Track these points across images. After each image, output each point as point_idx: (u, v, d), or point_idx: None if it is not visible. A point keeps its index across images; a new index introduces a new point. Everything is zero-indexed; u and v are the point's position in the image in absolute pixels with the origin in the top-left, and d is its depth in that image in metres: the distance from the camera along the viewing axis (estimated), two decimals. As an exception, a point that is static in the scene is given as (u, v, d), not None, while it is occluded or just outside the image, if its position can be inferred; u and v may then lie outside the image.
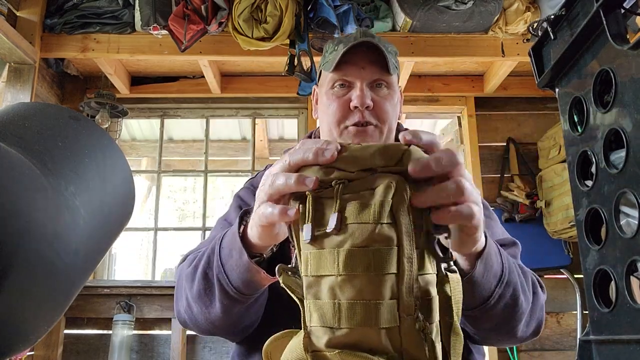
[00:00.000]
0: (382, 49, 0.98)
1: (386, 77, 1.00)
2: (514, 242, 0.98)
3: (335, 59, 0.99)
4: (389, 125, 1.01)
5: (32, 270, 0.30)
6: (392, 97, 1.02)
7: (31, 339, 0.33)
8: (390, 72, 0.99)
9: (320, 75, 1.09)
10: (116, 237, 0.42)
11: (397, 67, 1.05)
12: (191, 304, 0.83)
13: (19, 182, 0.30)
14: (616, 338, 0.75)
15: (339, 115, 1.00)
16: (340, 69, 1.00)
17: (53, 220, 0.31)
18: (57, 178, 0.33)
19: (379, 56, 0.98)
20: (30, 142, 0.34)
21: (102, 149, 0.39)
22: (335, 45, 1.04)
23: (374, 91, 1.00)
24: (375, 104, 0.99)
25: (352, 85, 1.00)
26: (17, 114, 0.37)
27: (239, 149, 4.40)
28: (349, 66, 1.00)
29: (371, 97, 0.99)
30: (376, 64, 0.99)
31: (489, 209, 1.05)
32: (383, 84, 1.01)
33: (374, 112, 0.99)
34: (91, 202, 0.36)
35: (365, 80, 0.99)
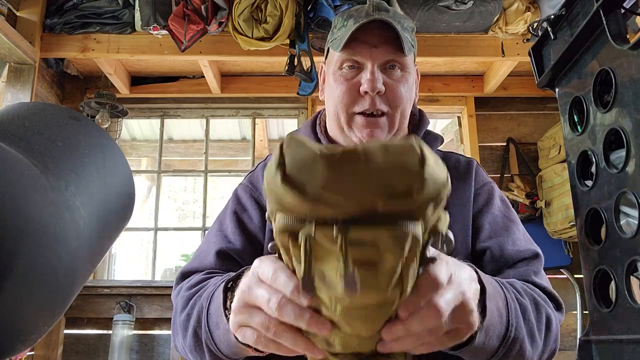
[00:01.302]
0: (397, 27, 0.87)
1: (400, 57, 0.90)
2: (536, 255, 0.89)
3: (345, 36, 0.88)
4: (402, 111, 0.92)
5: (32, 270, 0.30)
6: (406, 80, 0.92)
7: (31, 339, 0.33)
8: (405, 52, 0.88)
9: (328, 53, 0.99)
10: (116, 237, 0.42)
11: (414, 46, 0.94)
12: (186, 352, 0.80)
13: (19, 182, 0.30)
14: (616, 338, 0.75)
15: (347, 100, 0.91)
16: (349, 47, 0.89)
17: (53, 220, 0.31)
18: (57, 178, 0.33)
19: (393, 34, 0.87)
20: (30, 142, 0.34)
21: (102, 149, 0.39)
22: (345, 20, 0.93)
23: (386, 73, 0.90)
24: (387, 88, 0.90)
25: (362, 66, 0.90)
26: (17, 114, 0.37)
27: (239, 149, 4.40)
28: (359, 45, 0.89)
29: (383, 80, 0.89)
30: (390, 43, 0.89)
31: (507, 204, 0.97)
32: (397, 65, 0.91)
33: (385, 98, 0.90)
34: (91, 202, 0.36)
35: (377, 61, 0.89)
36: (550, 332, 0.79)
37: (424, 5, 2.48)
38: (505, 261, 0.87)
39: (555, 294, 0.86)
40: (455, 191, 0.91)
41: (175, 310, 0.84)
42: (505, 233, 0.90)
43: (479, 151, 3.13)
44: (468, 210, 0.92)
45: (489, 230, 0.91)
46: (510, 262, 0.87)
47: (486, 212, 0.93)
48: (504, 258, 0.87)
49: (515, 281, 0.80)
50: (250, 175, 1.04)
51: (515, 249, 0.88)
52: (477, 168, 0.99)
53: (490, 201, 0.95)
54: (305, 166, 0.38)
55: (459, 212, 0.91)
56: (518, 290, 0.77)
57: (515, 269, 0.86)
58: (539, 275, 0.87)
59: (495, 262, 0.87)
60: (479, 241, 0.90)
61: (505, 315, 0.68)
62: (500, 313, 0.67)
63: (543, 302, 0.80)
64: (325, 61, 1.01)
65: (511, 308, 0.69)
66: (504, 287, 0.72)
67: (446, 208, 0.96)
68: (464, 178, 0.96)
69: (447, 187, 0.42)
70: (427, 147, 0.40)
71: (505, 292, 0.70)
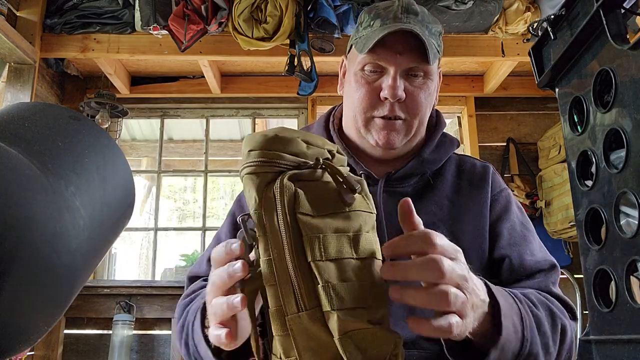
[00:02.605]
0: (424, 35, 0.86)
1: (424, 65, 0.89)
2: (552, 267, 0.89)
3: (370, 40, 0.87)
4: (420, 118, 0.92)
5: (32, 270, 0.30)
6: (427, 87, 0.91)
7: (31, 339, 0.33)
8: (429, 62, 0.87)
9: (350, 49, 0.98)
10: (116, 237, 0.42)
11: (440, 52, 0.93)
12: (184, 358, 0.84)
13: (19, 182, 0.30)
14: (616, 338, 0.75)
15: (366, 103, 0.91)
16: (373, 50, 0.87)
17: (53, 220, 0.31)
18: (57, 178, 0.33)
19: (420, 42, 0.86)
20: (30, 142, 0.34)
21: (102, 149, 0.39)
22: (372, 20, 0.90)
23: (408, 80, 0.89)
24: (407, 96, 0.89)
25: (384, 71, 0.89)
26: (17, 114, 0.37)
27: (239, 149, 4.38)
28: (384, 50, 0.88)
29: (404, 87, 0.88)
30: (415, 50, 0.87)
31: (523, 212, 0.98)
32: (420, 72, 0.90)
33: (404, 105, 0.90)
34: (91, 202, 0.36)
35: (400, 67, 0.88)
36: (564, 342, 0.79)
37: (424, 6, 2.48)
38: (524, 271, 0.87)
39: (571, 303, 0.87)
40: (470, 197, 0.91)
41: (175, 318, 0.89)
42: (524, 242, 0.90)
43: (479, 151, 3.13)
44: (484, 217, 0.91)
45: (508, 238, 0.90)
46: (529, 272, 0.87)
47: (505, 219, 0.92)
48: (523, 268, 0.87)
49: (531, 292, 0.80)
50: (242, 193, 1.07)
51: (534, 259, 0.88)
52: (493, 174, 0.98)
53: (509, 209, 0.94)
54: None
55: (473, 218, 0.91)
56: (533, 301, 0.76)
57: (533, 279, 0.86)
58: (555, 287, 0.88)
59: (514, 272, 0.87)
60: (498, 248, 0.89)
61: (521, 330, 0.67)
62: (516, 329, 0.66)
63: (559, 312, 0.80)
64: (346, 55, 1.00)
65: (526, 323, 0.69)
66: (518, 300, 0.71)
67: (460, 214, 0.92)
68: (480, 184, 0.95)
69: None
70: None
71: (519, 306, 0.70)
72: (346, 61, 1.00)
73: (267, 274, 0.50)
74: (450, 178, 0.96)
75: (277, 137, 0.53)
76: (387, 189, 0.93)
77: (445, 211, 0.91)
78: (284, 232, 0.49)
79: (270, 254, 0.50)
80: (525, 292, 0.79)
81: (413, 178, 0.95)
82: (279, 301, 0.49)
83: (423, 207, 0.91)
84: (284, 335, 0.49)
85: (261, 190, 0.51)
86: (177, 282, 2.87)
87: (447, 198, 0.93)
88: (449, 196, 0.93)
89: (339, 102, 1.06)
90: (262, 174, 0.52)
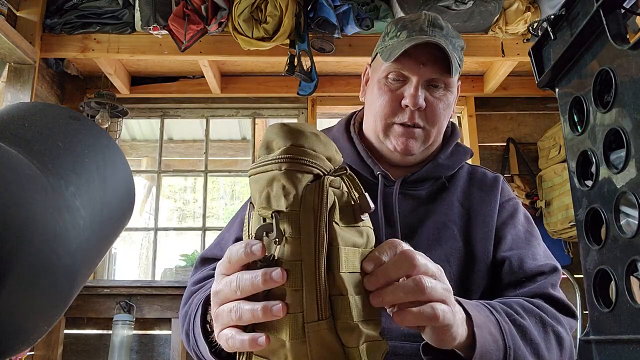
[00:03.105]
0: (448, 49, 0.90)
1: (446, 77, 0.93)
2: (553, 269, 0.91)
3: (396, 50, 0.91)
4: (438, 127, 0.97)
5: (32, 270, 0.30)
6: (447, 98, 0.96)
7: (31, 339, 0.33)
8: (451, 74, 0.92)
9: (375, 57, 1.02)
10: (116, 237, 0.42)
11: (461, 65, 0.97)
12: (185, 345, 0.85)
13: (19, 182, 0.30)
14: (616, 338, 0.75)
15: (388, 110, 0.95)
16: (398, 60, 0.92)
17: (53, 220, 0.31)
18: (57, 178, 0.33)
19: (443, 54, 0.90)
20: (30, 142, 0.34)
21: (102, 149, 0.39)
22: (398, 31, 0.95)
23: (429, 90, 0.94)
24: (427, 105, 0.93)
25: (407, 80, 0.94)
26: (17, 114, 0.37)
27: (239, 149, 4.40)
28: (408, 60, 0.92)
29: (425, 96, 0.93)
30: (438, 62, 0.92)
31: (530, 221, 1.00)
32: (441, 84, 0.94)
33: (424, 113, 0.94)
34: (91, 202, 0.36)
35: (423, 78, 0.92)
36: (563, 349, 0.79)
37: (424, 6, 2.48)
38: (524, 274, 0.89)
39: (569, 304, 0.87)
40: (480, 202, 0.96)
41: (183, 301, 0.89)
42: (527, 247, 0.93)
43: (479, 151, 3.13)
44: (492, 220, 0.95)
45: (511, 242, 0.93)
46: (529, 275, 0.88)
47: (510, 224, 0.96)
48: (522, 270, 0.89)
49: (517, 301, 0.80)
50: None
51: (535, 263, 0.90)
52: (503, 184, 1.03)
53: (515, 215, 0.98)
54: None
55: (482, 222, 0.94)
56: (517, 311, 0.77)
57: (534, 282, 0.88)
58: (555, 289, 0.89)
59: (514, 274, 0.89)
60: (500, 251, 0.92)
61: (501, 339, 0.68)
62: (495, 338, 0.67)
63: (551, 318, 0.80)
64: (370, 64, 1.05)
65: (506, 331, 0.69)
66: (495, 310, 0.72)
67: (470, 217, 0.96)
68: (490, 191, 0.99)
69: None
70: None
71: (496, 316, 0.70)
72: (369, 69, 1.05)
73: (291, 277, 0.48)
74: (462, 184, 1.00)
75: (319, 138, 0.53)
76: (402, 191, 0.97)
77: (457, 213, 0.95)
78: (320, 237, 0.48)
79: (301, 257, 0.49)
80: (507, 302, 0.79)
81: (427, 182, 0.99)
82: (301, 307, 0.48)
83: (436, 207, 0.95)
84: (299, 342, 0.49)
85: (302, 189, 0.50)
86: (177, 282, 2.87)
87: (458, 201, 0.97)
88: (460, 200, 0.97)
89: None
90: (305, 174, 0.50)
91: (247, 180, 0.56)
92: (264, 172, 0.52)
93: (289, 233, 0.49)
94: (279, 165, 0.50)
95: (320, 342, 0.49)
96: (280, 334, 0.49)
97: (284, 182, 0.50)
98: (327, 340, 0.49)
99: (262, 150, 0.54)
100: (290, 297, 0.49)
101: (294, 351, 0.49)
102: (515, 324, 0.73)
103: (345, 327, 0.49)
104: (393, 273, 0.51)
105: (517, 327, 0.73)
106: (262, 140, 0.55)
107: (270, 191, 0.51)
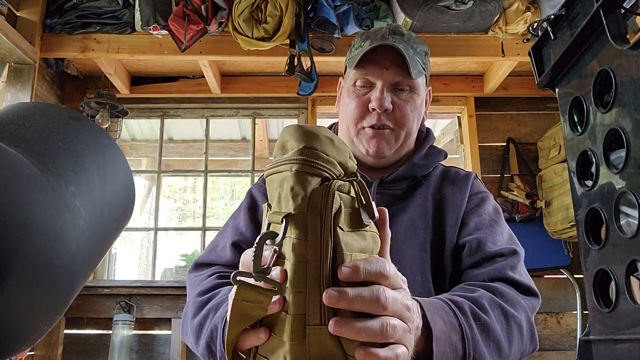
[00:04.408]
0: (406, 52, 0.95)
1: (409, 80, 0.98)
2: (514, 252, 0.93)
3: (359, 56, 0.97)
4: (408, 129, 1.01)
5: (32, 270, 0.30)
6: (413, 100, 1.00)
7: (31, 339, 0.33)
8: (412, 76, 0.97)
9: (345, 69, 1.08)
10: (116, 237, 0.42)
11: (425, 69, 1.03)
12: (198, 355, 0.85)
13: (19, 182, 0.30)
14: (616, 338, 0.75)
15: (357, 115, 1.00)
16: (362, 67, 0.98)
17: (53, 220, 0.31)
18: (57, 178, 0.33)
19: (404, 59, 0.96)
20: (30, 142, 0.34)
21: (102, 149, 0.39)
22: (362, 41, 1.02)
23: (395, 93, 0.99)
24: (394, 107, 0.98)
25: (373, 85, 0.99)
26: (17, 114, 0.37)
27: (239, 149, 4.40)
28: (371, 65, 0.98)
29: (391, 99, 0.98)
30: (399, 66, 0.97)
31: (499, 213, 1.03)
32: (406, 86, 0.99)
33: (392, 116, 0.99)
34: (91, 202, 0.36)
35: (387, 81, 0.98)
36: (523, 337, 0.81)
37: (424, 5, 2.48)
38: (482, 255, 0.92)
39: (530, 285, 0.89)
40: (451, 193, 1.02)
41: (186, 312, 0.90)
42: (489, 232, 0.96)
43: (479, 151, 3.13)
44: (460, 209, 1.00)
45: (473, 227, 0.97)
46: (488, 256, 0.91)
47: (475, 213, 1.00)
48: (481, 252, 0.92)
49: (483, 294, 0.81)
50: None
51: (495, 246, 0.93)
52: (474, 179, 1.07)
53: (482, 206, 1.02)
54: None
55: (452, 211, 1.00)
56: (483, 306, 0.77)
57: (493, 262, 0.90)
58: (515, 271, 0.90)
59: (473, 256, 0.92)
60: (462, 235, 0.97)
61: (461, 348, 0.69)
62: (455, 347, 0.67)
63: (512, 306, 0.81)
64: (343, 76, 1.11)
65: (467, 338, 0.70)
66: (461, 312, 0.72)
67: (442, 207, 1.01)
68: (461, 185, 1.04)
69: None
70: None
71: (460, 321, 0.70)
72: (343, 82, 1.10)
73: (296, 279, 0.48)
74: (436, 180, 1.06)
75: (333, 142, 0.53)
76: (379, 191, 1.03)
77: (430, 204, 1.00)
78: (324, 241, 0.48)
79: (306, 259, 0.48)
80: (474, 296, 0.79)
81: (404, 182, 1.04)
82: (303, 309, 0.48)
83: (411, 201, 1.01)
84: (298, 344, 0.48)
85: (310, 191, 0.49)
86: (177, 282, 2.87)
87: (431, 194, 1.02)
88: (433, 193, 1.03)
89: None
90: (314, 176, 0.50)
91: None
92: (278, 173, 0.52)
93: (296, 235, 0.49)
94: (290, 166, 0.51)
95: (320, 346, 0.49)
96: (281, 334, 0.49)
97: (292, 183, 0.50)
98: (327, 345, 0.49)
99: (278, 151, 0.55)
100: (293, 299, 0.48)
101: (292, 352, 0.49)
102: (480, 322, 0.74)
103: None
104: (356, 305, 0.49)
105: (481, 326, 0.74)
106: (278, 141, 0.55)
107: (280, 192, 0.51)
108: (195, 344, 0.84)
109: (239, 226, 1.01)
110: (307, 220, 0.49)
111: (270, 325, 0.51)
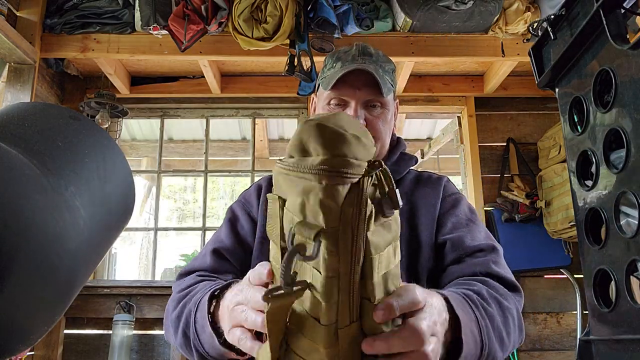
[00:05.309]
0: (377, 73, 1.02)
1: (380, 98, 1.05)
2: (492, 248, 0.98)
3: (332, 79, 1.04)
4: (382, 142, 1.08)
5: (32, 270, 0.30)
6: (385, 116, 1.08)
7: (31, 339, 0.33)
8: (383, 95, 1.03)
9: (318, 87, 1.14)
10: (116, 237, 0.42)
11: (393, 86, 1.10)
12: (177, 347, 0.90)
13: (19, 182, 0.30)
14: (616, 338, 0.75)
15: None
16: (337, 88, 1.05)
17: (53, 220, 0.31)
18: (57, 178, 0.33)
19: (374, 79, 1.03)
20: (30, 142, 0.34)
21: (102, 149, 0.39)
22: (334, 62, 1.09)
23: (368, 110, 1.06)
24: (368, 123, 1.05)
25: (347, 104, 1.06)
26: (17, 114, 0.37)
27: (239, 149, 4.40)
28: (344, 86, 1.05)
29: (365, 116, 1.05)
30: (371, 85, 1.04)
31: (474, 212, 1.09)
32: (377, 104, 1.06)
33: None
34: (91, 202, 0.36)
35: (360, 100, 1.05)
36: (515, 327, 0.86)
37: (424, 5, 2.48)
38: (463, 250, 0.97)
39: (514, 281, 0.94)
40: (424, 195, 1.09)
41: (167, 310, 0.95)
42: (466, 229, 1.02)
43: (479, 151, 3.13)
44: (435, 210, 1.06)
45: (451, 226, 1.03)
46: (468, 251, 0.97)
47: (451, 214, 1.05)
48: (462, 248, 0.97)
49: (481, 288, 0.85)
50: (245, 193, 1.17)
51: (474, 242, 0.98)
52: (447, 182, 1.14)
53: (457, 206, 1.07)
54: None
55: (426, 211, 1.06)
56: (485, 298, 0.82)
57: (474, 257, 0.95)
58: (499, 266, 0.95)
59: (455, 252, 0.97)
60: (441, 235, 1.02)
61: (479, 336, 0.73)
62: (475, 338, 0.71)
63: (504, 300, 0.86)
64: (316, 94, 1.17)
65: (483, 328, 0.74)
66: (474, 305, 0.76)
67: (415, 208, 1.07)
68: (434, 187, 1.11)
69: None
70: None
71: (475, 312, 0.74)
72: (316, 99, 1.16)
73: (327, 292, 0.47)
74: (409, 184, 1.12)
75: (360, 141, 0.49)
76: None
77: (405, 206, 1.05)
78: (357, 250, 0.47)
79: (339, 272, 0.47)
80: (475, 289, 0.83)
81: None
82: (336, 317, 0.48)
83: None
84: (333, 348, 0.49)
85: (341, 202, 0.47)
86: (177, 282, 2.87)
87: (406, 196, 1.08)
88: (407, 195, 1.08)
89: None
90: (345, 185, 0.47)
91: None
92: (300, 179, 0.48)
93: (327, 248, 0.47)
94: (318, 178, 0.47)
95: (350, 340, 0.50)
96: (314, 339, 0.49)
97: (322, 197, 0.47)
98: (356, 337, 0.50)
99: (295, 151, 0.50)
100: (323, 309, 0.48)
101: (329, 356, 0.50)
102: (488, 315, 0.78)
103: (371, 329, 0.50)
104: (397, 347, 0.52)
105: (489, 317, 0.78)
106: (294, 138, 0.50)
107: (306, 200, 0.48)
108: (174, 335, 0.88)
109: (220, 236, 1.07)
110: (339, 234, 0.47)
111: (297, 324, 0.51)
